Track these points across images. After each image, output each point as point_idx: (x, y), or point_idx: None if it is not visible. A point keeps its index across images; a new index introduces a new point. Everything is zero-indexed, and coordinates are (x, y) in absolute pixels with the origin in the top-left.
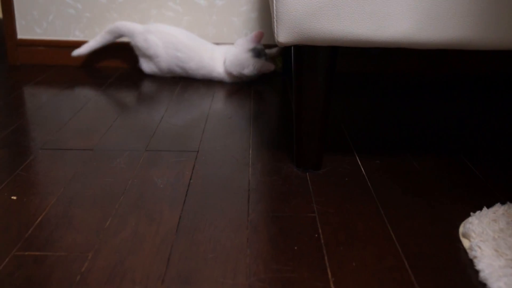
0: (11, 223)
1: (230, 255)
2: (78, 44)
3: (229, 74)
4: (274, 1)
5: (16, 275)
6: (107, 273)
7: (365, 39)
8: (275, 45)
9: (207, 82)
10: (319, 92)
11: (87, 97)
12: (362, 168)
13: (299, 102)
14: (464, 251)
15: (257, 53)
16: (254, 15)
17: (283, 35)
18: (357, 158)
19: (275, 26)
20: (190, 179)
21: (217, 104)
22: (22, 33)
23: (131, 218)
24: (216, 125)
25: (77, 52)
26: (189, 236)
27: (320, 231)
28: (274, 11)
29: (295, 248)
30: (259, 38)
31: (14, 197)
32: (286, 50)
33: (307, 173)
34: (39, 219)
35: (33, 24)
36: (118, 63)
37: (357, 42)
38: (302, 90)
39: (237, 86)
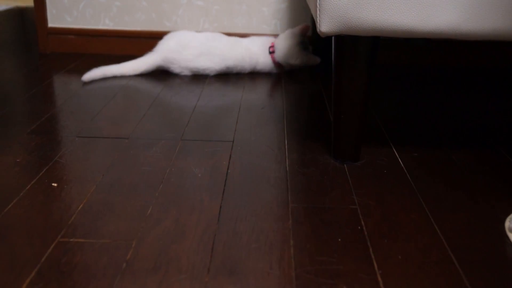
0: (53, 209)
1: (273, 246)
2: (108, 33)
3: (277, 64)
4: None
5: (63, 262)
6: (152, 261)
7: (410, 30)
8: None
9: (236, 73)
10: (360, 84)
11: (117, 85)
12: (400, 161)
13: (338, 94)
14: (510, 245)
15: (305, 46)
16: (284, 5)
17: (326, 25)
18: (394, 150)
19: (318, 16)
20: (228, 169)
21: (248, 94)
22: (53, 22)
23: (172, 207)
24: (249, 115)
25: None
26: (231, 225)
27: (362, 223)
28: (318, 0)
29: (339, 240)
30: (306, 30)
31: (55, 184)
32: (315, 43)
33: (345, 165)
34: (81, 206)
35: (63, 12)
36: (146, 51)
37: (401, 32)
38: (342, 82)
39: (267, 76)
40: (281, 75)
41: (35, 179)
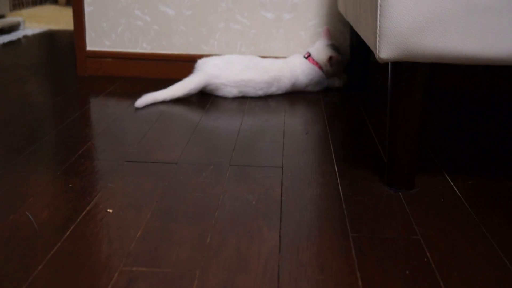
0: (112, 237)
1: (339, 278)
2: (145, 56)
3: (316, 64)
4: (378, 17)
5: None
6: None
7: (473, 56)
8: None
9: (275, 96)
10: (416, 111)
11: (157, 110)
12: (455, 189)
13: (394, 120)
14: None
15: (335, 47)
16: (321, 30)
17: (386, 51)
18: (448, 178)
19: (378, 42)
20: (281, 196)
21: (290, 119)
22: (92, 45)
23: (231, 235)
24: (294, 140)
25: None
26: (294, 256)
27: (428, 254)
28: (378, 26)
29: (407, 272)
30: (328, 33)
31: (110, 210)
32: (356, 67)
33: (400, 193)
34: (139, 233)
35: (102, 36)
36: (184, 74)
37: (464, 59)
38: (398, 108)
39: (307, 101)
40: (320, 100)
41: (90, 205)
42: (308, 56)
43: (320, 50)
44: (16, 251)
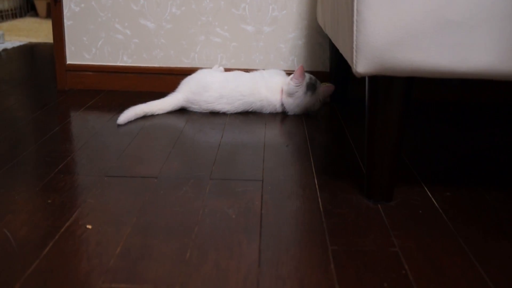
0: (91, 253)
1: None
2: (126, 69)
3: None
4: (355, 32)
5: None
6: None
7: (446, 70)
8: (316, 71)
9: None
10: (394, 123)
11: (140, 122)
12: (434, 201)
13: (372, 133)
14: None
15: (312, 86)
16: (301, 42)
17: (363, 66)
18: (426, 189)
19: (354, 56)
20: (261, 210)
21: (271, 131)
22: (71, 59)
23: (211, 250)
24: (274, 153)
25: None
26: (273, 270)
27: (406, 267)
28: (354, 41)
29: (385, 284)
30: (302, 72)
31: (89, 226)
32: (335, 79)
33: (379, 205)
34: (118, 249)
35: (82, 49)
36: (165, 87)
37: (438, 73)
38: (376, 122)
39: (288, 114)
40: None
41: (69, 221)
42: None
43: (301, 106)
44: None
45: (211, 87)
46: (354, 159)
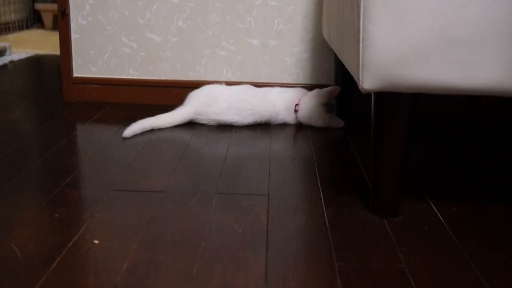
0: (99, 269)
1: None
2: (132, 82)
3: (299, 122)
4: (361, 48)
5: None
6: None
7: (453, 87)
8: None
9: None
10: (399, 139)
11: (146, 135)
12: (440, 216)
13: (377, 148)
14: None
15: (330, 108)
16: (306, 55)
17: (369, 82)
18: (432, 204)
19: (360, 73)
20: (267, 225)
21: (276, 145)
22: (78, 72)
23: (217, 266)
24: (280, 167)
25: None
26: (280, 286)
27: (412, 283)
28: (360, 57)
29: None
30: (334, 94)
31: (96, 241)
32: (340, 92)
33: (385, 220)
34: (125, 264)
35: (89, 62)
36: (171, 100)
37: (445, 90)
38: (382, 138)
39: (293, 126)
40: (306, 126)
41: (76, 236)
42: (297, 111)
43: (309, 111)
44: (0, 285)
45: (220, 98)
46: (360, 174)
